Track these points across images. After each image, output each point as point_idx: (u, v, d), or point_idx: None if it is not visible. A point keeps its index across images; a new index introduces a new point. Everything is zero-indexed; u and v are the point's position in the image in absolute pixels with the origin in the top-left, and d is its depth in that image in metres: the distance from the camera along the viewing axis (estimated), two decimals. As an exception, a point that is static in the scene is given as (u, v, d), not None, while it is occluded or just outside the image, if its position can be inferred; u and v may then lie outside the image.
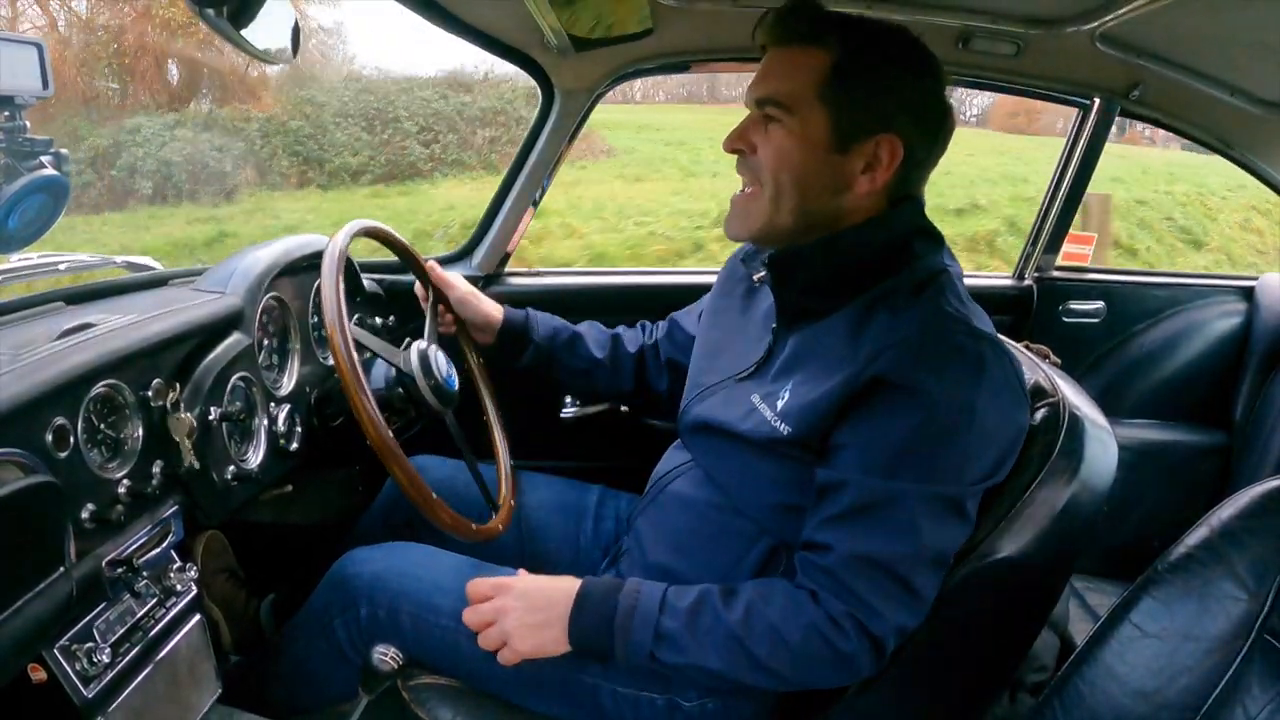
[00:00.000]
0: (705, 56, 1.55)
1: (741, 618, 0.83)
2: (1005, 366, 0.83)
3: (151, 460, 0.88)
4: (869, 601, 0.80)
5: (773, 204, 0.89)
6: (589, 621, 0.87)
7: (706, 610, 0.85)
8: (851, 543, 0.81)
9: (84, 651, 0.78)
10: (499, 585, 0.91)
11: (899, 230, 0.90)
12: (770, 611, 0.83)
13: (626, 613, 0.86)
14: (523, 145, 1.59)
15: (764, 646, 0.82)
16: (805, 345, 0.90)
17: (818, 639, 0.81)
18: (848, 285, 0.88)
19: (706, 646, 0.84)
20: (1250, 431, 1.78)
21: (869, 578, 0.80)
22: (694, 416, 1.00)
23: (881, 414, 0.81)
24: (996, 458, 0.83)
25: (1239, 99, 1.52)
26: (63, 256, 1.16)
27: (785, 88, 0.86)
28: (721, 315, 1.09)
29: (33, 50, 0.81)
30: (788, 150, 0.87)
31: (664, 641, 0.85)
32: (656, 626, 0.85)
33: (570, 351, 1.24)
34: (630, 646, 0.85)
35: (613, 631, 0.86)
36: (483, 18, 1.36)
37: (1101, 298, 1.88)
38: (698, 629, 0.84)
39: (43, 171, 0.81)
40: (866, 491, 0.81)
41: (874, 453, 0.81)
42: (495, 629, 0.89)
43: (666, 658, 0.85)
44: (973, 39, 1.44)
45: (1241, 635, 0.68)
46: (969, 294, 0.89)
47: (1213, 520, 0.75)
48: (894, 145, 0.85)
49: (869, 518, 0.81)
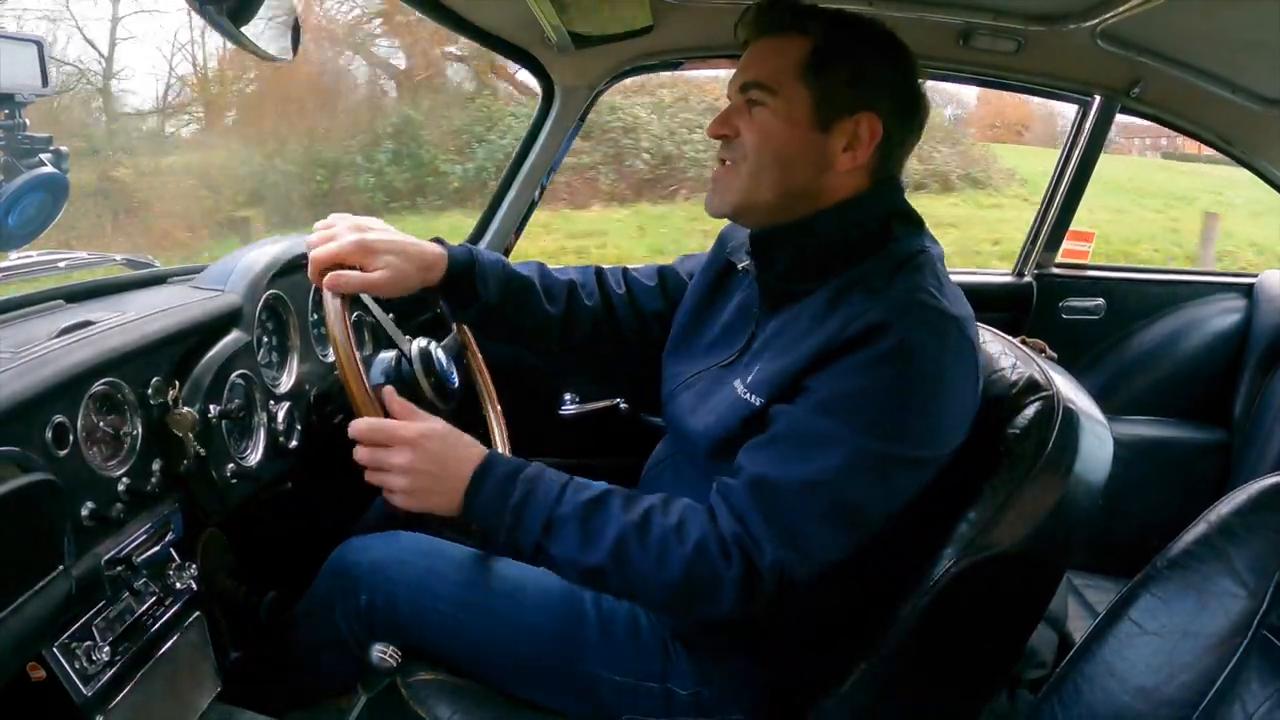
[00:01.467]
0: (705, 54, 1.56)
1: (638, 521, 0.82)
2: (966, 352, 0.84)
3: (151, 458, 0.88)
4: (755, 529, 0.79)
5: (752, 179, 0.90)
6: (485, 499, 0.84)
7: (603, 506, 0.83)
8: (760, 465, 0.81)
9: (83, 650, 0.79)
10: (408, 439, 0.84)
11: (878, 210, 0.91)
12: (668, 519, 0.82)
13: (523, 497, 0.83)
14: (522, 144, 1.60)
15: (652, 554, 0.80)
16: (782, 325, 0.91)
17: (703, 557, 0.80)
18: (827, 265, 0.90)
19: (594, 542, 0.81)
20: (1249, 428, 1.78)
21: (761, 502, 0.80)
22: (677, 407, 1.00)
23: (838, 370, 0.81)
24: (938, 437, 0.83)
25: (1240, 96, 1.52)
26: (62, 254, 1.16)
27: (768, 70, 0.89)
28: (701, 302, 1.08)
29: (32, 48, 0.81)
30: (772, 129, 0.89)
31: (553, 532, 0.82)
32: (550, 515, 0.82)
33: (519, 308, 1.07)
34: (521, 532, 0.83)
35: (505, 513, 0.83)
36: (484, 15, 1.36)
37: (1101, 294, 1.88)
38: (589, 523, 0.82)
39: (42, 169, 0.81)
40: (796, 422, 0.81)
41: (818, 397, 0.81)
42: (391, 477, 0.85)
43: (552, 548, 0.82)
44: (973, 36, 1.44)
45: (1240, 632, 0.68)
46: (948, 276, 0.89)
47: (1211, 517, 0.75)
48: (873, 123, 0.88)
49: (787, 444, 0.81)
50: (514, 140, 4.24)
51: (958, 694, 0.92)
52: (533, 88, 1.63)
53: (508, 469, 0.86)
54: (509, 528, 0.83)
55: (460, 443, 0.88)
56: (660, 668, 0.95)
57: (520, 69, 1.71)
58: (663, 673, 0.95)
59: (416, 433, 0.85)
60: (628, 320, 1.16)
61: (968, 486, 0.87)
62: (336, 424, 1.18)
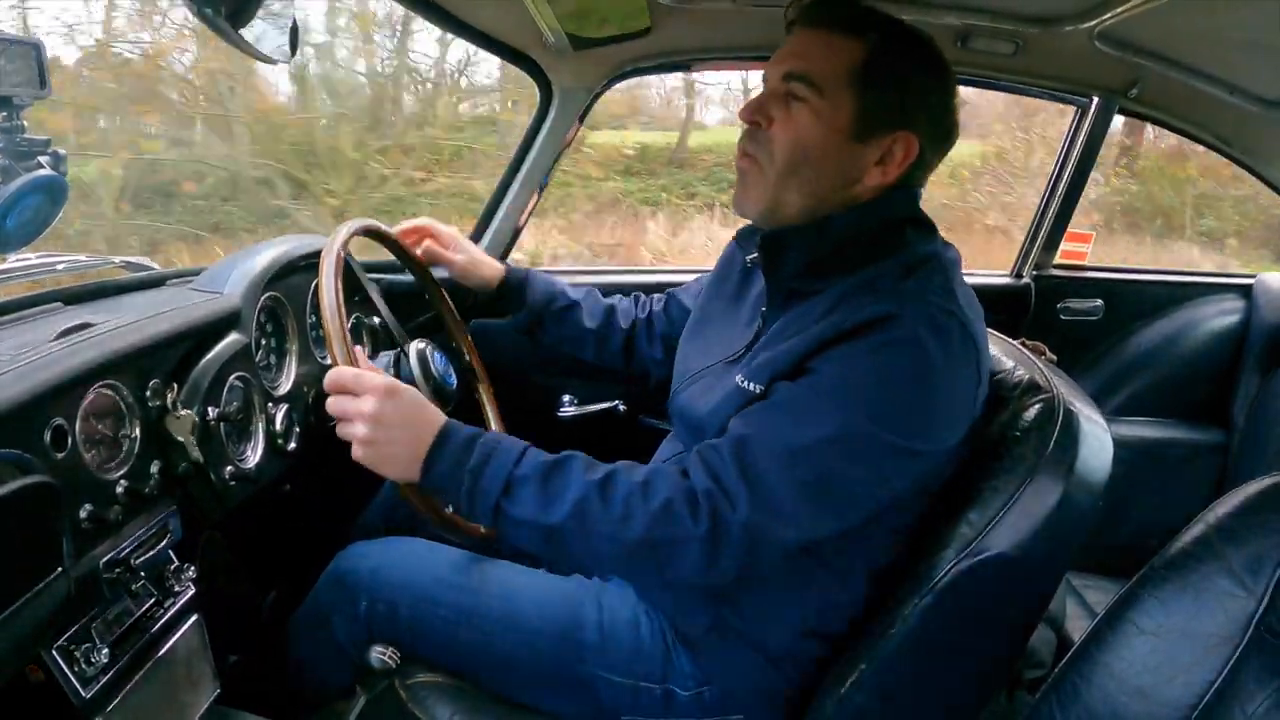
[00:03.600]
0: (704, 56, 1.56)
1: (601, 481, 0.80)
2: (969, 353, 0.83)
3: (149, 461, 0.88)
4: (729, 487, 0.78)
5: (780, 180, 0.89)
6: (444, 461, 0.83)
7: (566, 468, 0.82)
8: (747, 427, 0.81)
9: (82, 652, 0.78)
10: (377, 387, 0.84)
11: (891, 215, 0.90)
12: (633, 478, 0.81)
13: (483, 457, 0.82)
14: (520, 145, 1.60)
15: (615, 513, 0.79)
16: (788, 323, 0.90)
17: (669, 515, 0.78)
18: (837, 267, 0.89)
19: (554, 502, 0.80)
20: (1248, 429, 1.78)
21: (742, 462, 0.78)
22: (683, 404, 1.00)
23: (835, 355, 0.80)
24: (931, 431, 0.82)
25: (1238, 97, 1.52)
26: (60, 257, 1.16)
27: (819, 68, 0.86)
28: (715, 300, 1.08)
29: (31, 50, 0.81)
30: (810, 130, 0.86)
31: (512, 492, 0.81)
32: (509, 476, 0.81)
33: (560, 320, 1.27)
34: (479, 494, 0.81)
35: (463, 475, 0.82)
36: (481, 17, 1.36)
37: (1099, 295, 1.88)
38: (550, 483, 0.81)
39: (40, 172, 0.81)
40: (792, 394, 0.80)
41: (816, 379, 0.81)
42: (355, 426, 0.84)
43: (512, 510, 0.81)
44: (971, 38, 1.44)
45: (1238, 632, 0.68)
46: (963, 280, 0.89)
47: (1209, 517, 0.75)
48: (910, 143, 0.87)
49: (778, 411, 0.80)
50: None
51: (957, 694, 0.92)
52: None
53: (468, 434, 0.85)
54: (468, 490, 0.81)
55: (426, 408, 0.86)
56: (661, 669, 0.95)
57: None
58: (664, 674, 0.95)
59: (384, 383, 0.84)
60: (641, 340, 1.29)
61: (968, 488, 0.87)
62: (334, 426, 1.18)
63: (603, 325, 1.28)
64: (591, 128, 5.46)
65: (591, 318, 1.28)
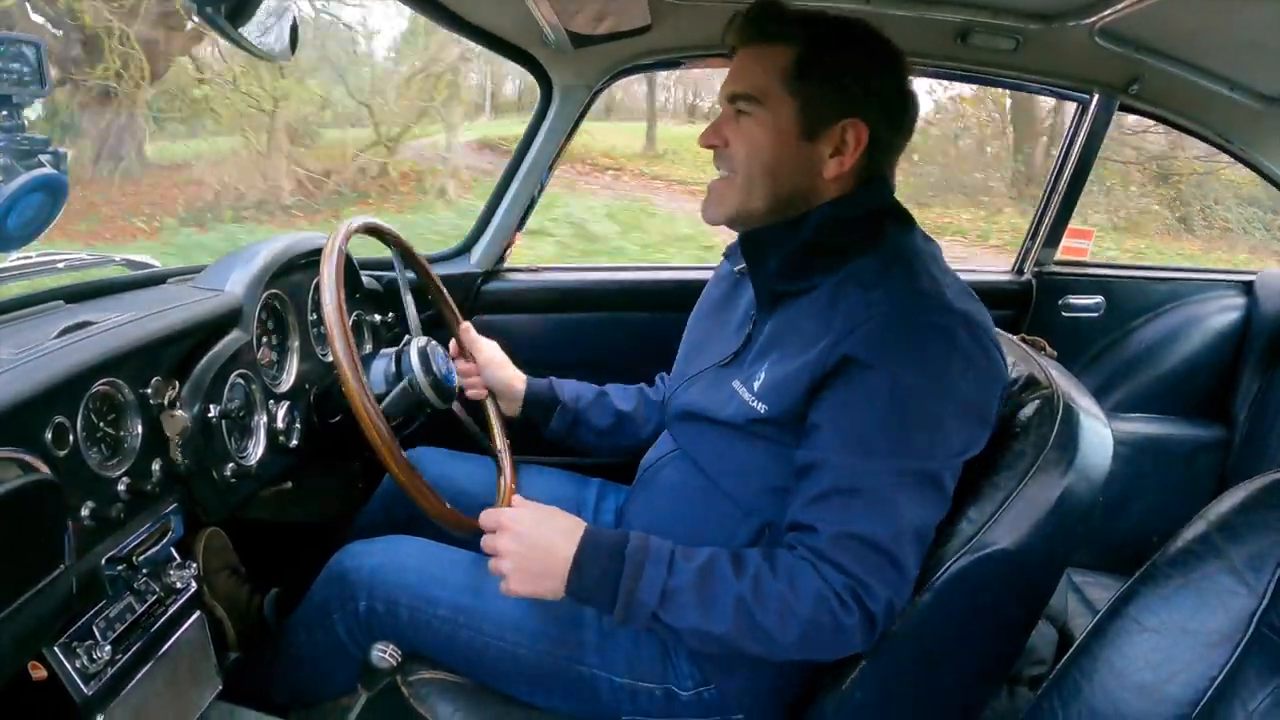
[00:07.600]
0: (702, 53, 1.55)
1: (751, 584, 0.83)
2: (980, 339, 0.84)
3: (151, 458, 0.88)
4: (861, 577, 0.81)
5: (745, 189, 0.93)
6: (591, 577, 0.85)
7: (715, 573, 0.84)
8: (836, 523, 0.82)
9: (84, 649, 0.79)
10: (500, 523, 0.88)
11: (866, 208, 0.92)
12: (779, 580, 0.83)
13: (634, 572, 0.84)
14: (520, 142, 1.59)
15: (773, 614, 0.81)
16: (781, 327, 0.92)
17: (824, 609, 0.81)
18: (818, 263, 0.90)
19: (713, 610, 0.82)
20: (1249, 426, 1.78)
21: (857, 555, 0.81)
22: (678, 404, 1.02)
23: (854, 392, 0.82)
24: (971, 431, 0.84)
25: (1238, 94, 1.52)
26: (62, 254, 1.16)
27: (754, 82, 0.90)
28: (709, 309, 1.12)
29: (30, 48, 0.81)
30: (759, 139, 0.91)
31: (669, 602, 0.83)
32: (664, 586, 0.83)
33: (597, 409, 1.24)
34: (634, 606, 0.83)
35: (617, 589, 0.84)
36: (482, 15, 1.36)
37: (1100, 292, 1.88)
38: (705, 591, 0.83)
39: (41, 170, 0.81)
40: (845, 473, 0.82)
41: (848, 432, 0.82)
42: (500, 562, 0.87)
43: (670, 619, 0.83)
44: (972, 34, 1.44)
45: (1239, 629, 0.68)
46: (948, 270, 0.90)
47: (1210, 514, 0.75)
48: (859, 129, 0.89)
49: (849, 498, 0.81)
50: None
51: (958, 691, 0.92)
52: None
53: (610, 543, 0.86)
54: (624, 605, 0.84)
55: (554, 521, 0.89)
56: (661, 669, 0.95)
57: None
58: (663, 674, 0.95)
59: (509, 515, 0.88)
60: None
61: (968, 484, 0.87)
62: (336, 423, 1.19)
63: (637, 405, 1.25)
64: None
65: (625, 400, 1.25)
